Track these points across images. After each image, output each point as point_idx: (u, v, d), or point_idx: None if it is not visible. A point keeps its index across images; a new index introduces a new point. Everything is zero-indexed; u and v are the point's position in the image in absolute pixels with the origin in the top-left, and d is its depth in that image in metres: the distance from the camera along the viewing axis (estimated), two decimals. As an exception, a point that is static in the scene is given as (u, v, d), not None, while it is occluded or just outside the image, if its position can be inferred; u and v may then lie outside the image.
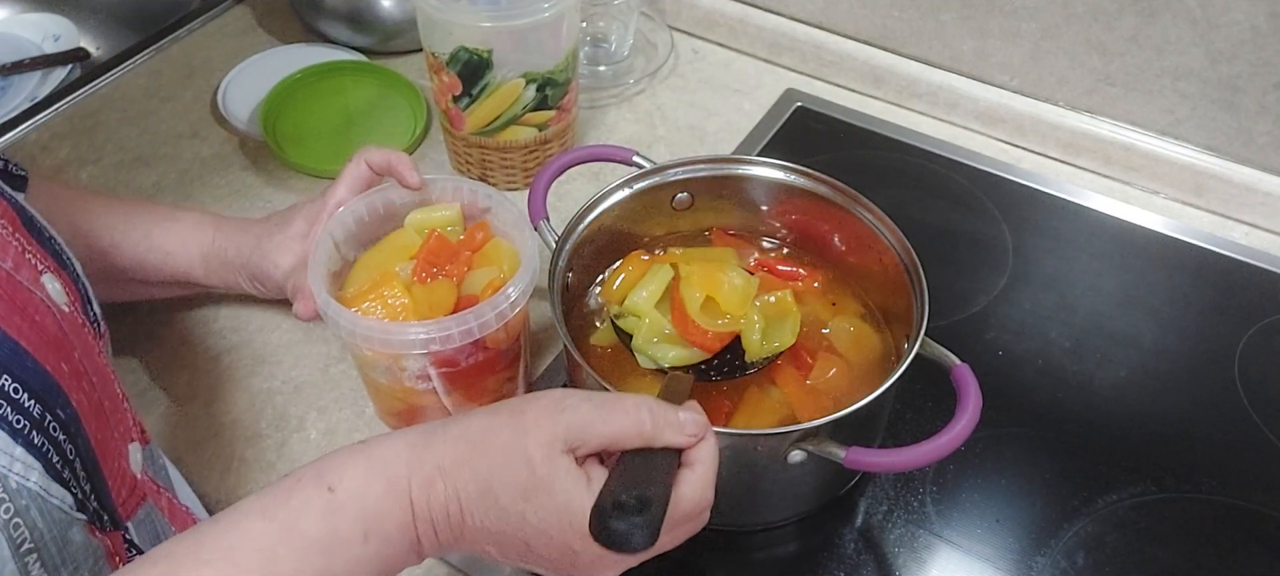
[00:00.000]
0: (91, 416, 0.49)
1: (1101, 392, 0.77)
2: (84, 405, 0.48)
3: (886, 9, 0.99)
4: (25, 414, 0.43)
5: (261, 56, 1.04)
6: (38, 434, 0.44)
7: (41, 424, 0.44)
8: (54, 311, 0.49)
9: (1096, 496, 0.70)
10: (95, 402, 0.50)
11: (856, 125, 1.00)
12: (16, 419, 0.43)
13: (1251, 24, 0.84)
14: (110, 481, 0.50)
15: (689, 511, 0.49)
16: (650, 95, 1.03)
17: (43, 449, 0.44)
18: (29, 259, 0.50)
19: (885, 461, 0.59)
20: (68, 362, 0.48)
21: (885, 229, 0.70)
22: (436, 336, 0.62)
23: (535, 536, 0.47)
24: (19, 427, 0.43)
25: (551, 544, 0.47)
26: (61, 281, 0.52)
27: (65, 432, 0.46)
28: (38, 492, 0.43)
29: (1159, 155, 0.93)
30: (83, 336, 0.52)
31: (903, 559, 0.67)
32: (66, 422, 0.46)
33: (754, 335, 0.68)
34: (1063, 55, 0.93)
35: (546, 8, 0.79)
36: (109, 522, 0.49)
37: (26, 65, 1.07)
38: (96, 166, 0.93)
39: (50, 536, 0.44)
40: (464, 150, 0.89)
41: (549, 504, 0.46)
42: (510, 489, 0.47)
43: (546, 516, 0.47)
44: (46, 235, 0.54)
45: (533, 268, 0.66)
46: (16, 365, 0.44)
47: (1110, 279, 0.86)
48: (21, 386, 0.44)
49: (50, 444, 0.44)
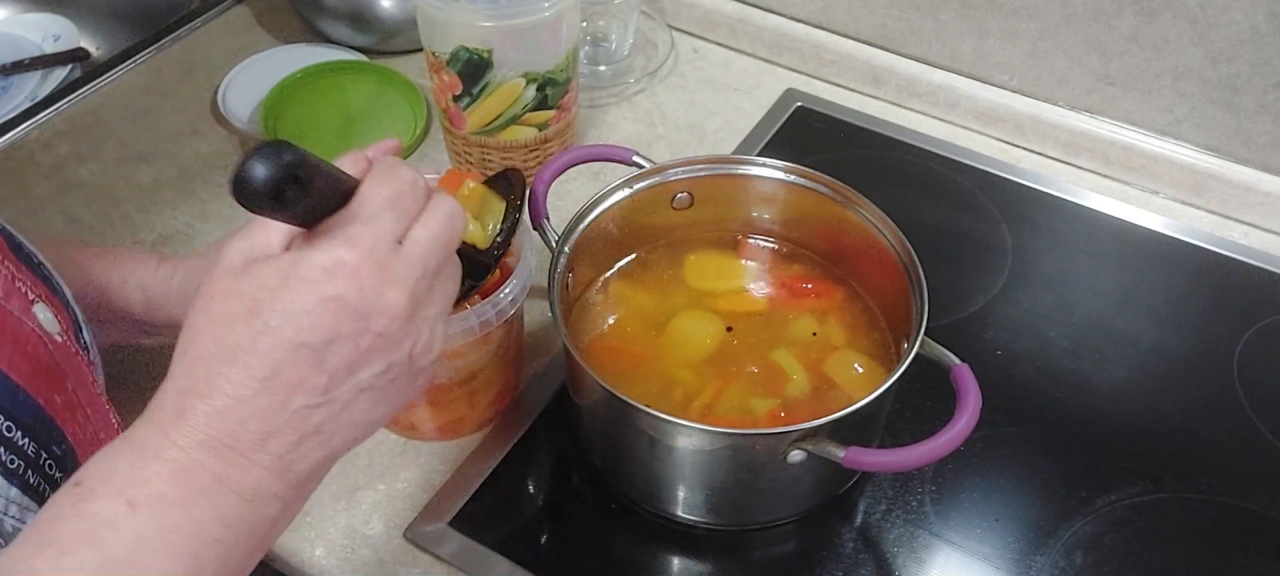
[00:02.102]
0: (87, 448, 0.47)
1: (1100, 392, 0.77)
2: (79, 437, 0.47)
3: (886, 9, 0.99)
4: (19, 453, 0.42)
5: (262, 56, 1.04)
6: (34, 474, 0.42)
7: (37, 463, 0.43)
8: (46, 342, 0.47)
9: (1095, 496, 0.70)
10: (91, 435, 0.49)
11: (856, 125, 1.00)
12: (11, 458, 0.41)
13: (1251, 24, 0.84)
14: None
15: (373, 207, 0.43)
16: (650, 95, 1.03)
17: (40, 489, 0.42)
18: (19, 287, 0.48)
19: (884, 461, 0.59)
20: (61, 394, 0.46)
21: (885, 229, 0.70)
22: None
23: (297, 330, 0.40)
24: (14, 468, 0.41)
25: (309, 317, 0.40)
26: (53, 309, 0.50)
27: (61, 470, 0.44)
28: None
29: (1158, 155, 0.93)
30: (76, 365, 0.50)
31: (902, 558, 0.67)
32: (62, 459, 0.44)
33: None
34: (1062, 55, 0.93)
35: (546, 7, 0.79)
36: None
37: (26, 65, 1.08)
38: (96, 163, 0.94)
39: None
40: (464, 150, 0.90)
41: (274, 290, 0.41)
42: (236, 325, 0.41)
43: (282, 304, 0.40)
44: (35, 261, 0.52)
45: (531, 266, 0.66)
46: (8, 400, 0.42)
47: (1109, 279, 0.86)
48: (14, 423, 0.42)
49: (47, 484, 0.43)
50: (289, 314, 0.41)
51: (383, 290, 0.42)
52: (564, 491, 0.71)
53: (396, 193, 0.44)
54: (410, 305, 0.43)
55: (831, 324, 0.73)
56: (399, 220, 0.43)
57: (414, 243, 0.44)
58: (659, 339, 0.72)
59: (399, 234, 0.43)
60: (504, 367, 0.71)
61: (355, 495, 0.69)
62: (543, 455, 0.72)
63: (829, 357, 0.70)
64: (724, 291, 0.75)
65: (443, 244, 0.45)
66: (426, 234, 0.44)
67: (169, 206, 0.90)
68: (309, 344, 0.41)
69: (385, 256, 0.42)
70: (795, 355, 0.70)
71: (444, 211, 0.45)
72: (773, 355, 0.70)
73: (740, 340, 0.72)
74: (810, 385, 0.69)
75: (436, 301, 0.45)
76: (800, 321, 0.73)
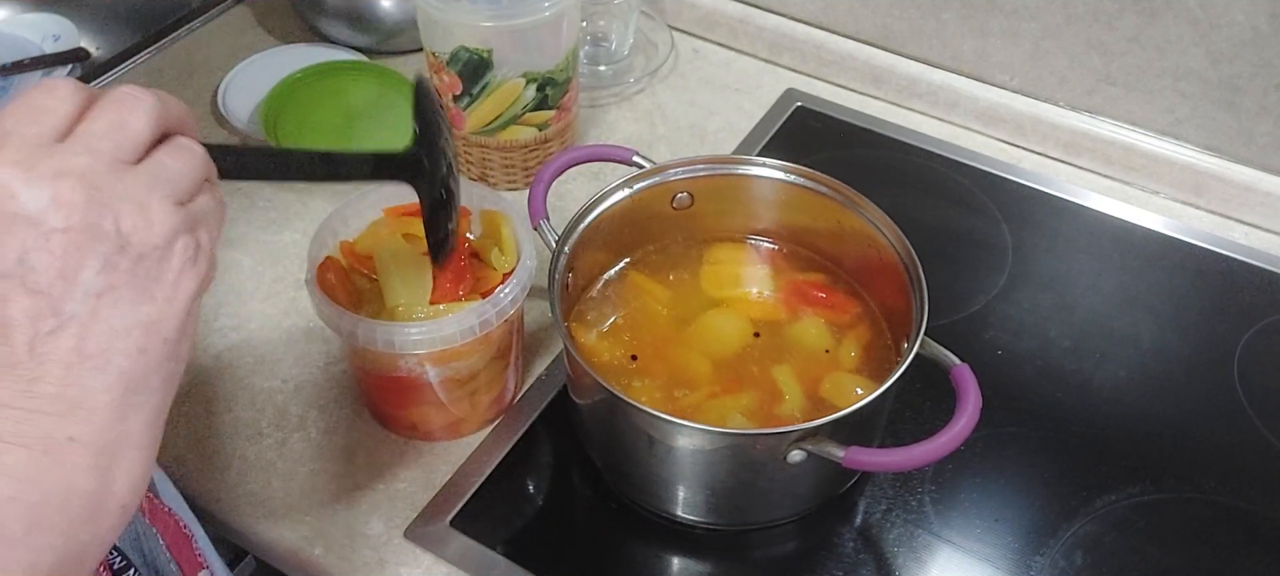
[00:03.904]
0: None
1: (1101, 392, 0.77)
2: None
3: (887, 9, 0.99)
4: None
5: (262, 56, 1.04)
6: None
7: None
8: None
9: (1095, 496, 0.70)
10: None
11: (856, 125, 1.00)
12: None
13: (1252, 24, 0.84)
14: None
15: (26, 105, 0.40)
16: (650, 95, 1.03)
17: None
18: None
19: (884, 461, 0.59)
20: None
21: (885, 229, 0.70)
22: (436, 336, 0.62)
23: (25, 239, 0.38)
24: None
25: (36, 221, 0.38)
26: None
27: None
28: None
29: (1159, 155, 0.93)
30: None
31: (902, 558, 0.67)
32: None
33: None
34: (1063, 55, 0.93)
35: (547, 7, 0.79)
36: None
37: (27, 65, 1.07)
38: (97, 165, 0.94)
39: None
40: (464, 150, 0.90)
41: None
42: None
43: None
44: None
45: (530, 267, 0.66)
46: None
47: (1110, 279, 0.86)
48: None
49: None
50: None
51: (40, 186, 0.38)
52: (564, 491, 0.71)
53: (30, 97, 0.41)
54: (84, 190, 0.39)
55: (848, 342, 0.72)
56: (39, 120, 0.40)
57: (73, 133, 0.40)
58: (674, 335, 0.72)
59: (48, 134, 0.40)
60: (504, 368, 0.71)
61: (355, 495, 0.69)
62: (543, 455, 0.72)
63: (827, 377, 0.69)
64: (731, 297, 0.75)
65: (114, 124, 0.41)
66: (94, 123, 0.41)
67: (169, 206, 0.90)
68: (4, 274, 0.38)
69: (31, 154, 0.39)
70: (794, 373, 0.69)
71: (115, 97, 0.42)
72: (773, 371, 0.70)
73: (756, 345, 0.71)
74: (804, 404, 0.68)
75: (143, 182, 0.41)
76: (814, 333, 0.72)
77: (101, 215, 0.39)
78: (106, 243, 0.39)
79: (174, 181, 0.42)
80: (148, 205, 0.40)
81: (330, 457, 0.71)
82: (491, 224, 0.69)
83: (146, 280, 0.40)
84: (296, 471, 0.71)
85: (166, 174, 0.41)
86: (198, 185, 0.43)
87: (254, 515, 0.68)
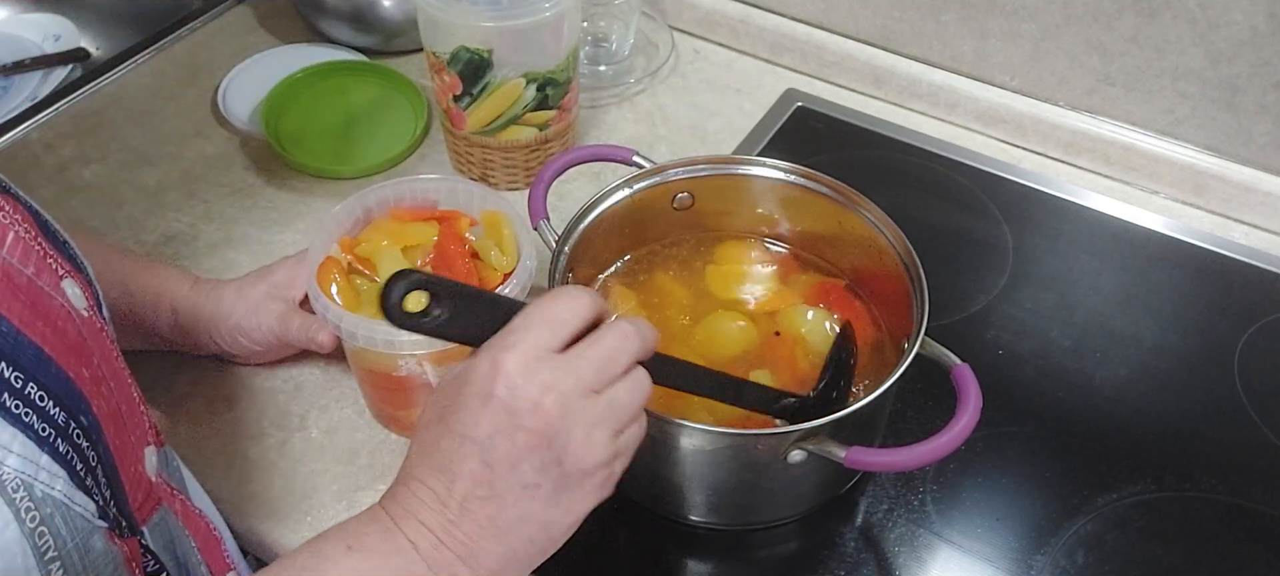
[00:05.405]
0: (110, 422, 0.49)
1: (1101, 392, 0.77)
2: (104, 410, 0.48)
3: (887, 9, 0.99)
4: (50, 421, 0.43)
5: (263, 56, 1.04)
6: (62, 442, 0.44)
7: (66, 431, 0.44)
8: (75, 317, 0.49)
9: (1096, 495, 0.70)
10: (114, 407, 0.50)
11: (857, 125, 1.00)
12: (42, 426, 0.43)
13: (1251, 24, 0.84)
14: (128, 486, 0.50)
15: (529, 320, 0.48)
16: (651, 95, 1.04)
17: (67, 457, 0.44)
18: (50, 264, 0.50)
19: (885, 461, 0.59)
20: (88, 368, 0.48)
21: (885, 229, 0.70)
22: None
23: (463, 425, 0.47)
24: (45, 435, 0.43)
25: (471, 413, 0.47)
26: (79, 284, 0.51)
27: (87, 440, 0.46)
28: (62, 501, 0.43)
29: (1159, 155, 0.93)
30: (101, 340, 0.51)
31: (903, 558, 0.67)
32: (89, 430, 0.46)
33: None
34: (1063, 55, 0.94)
35: (547, 7, 0.79)
36: (127, 528, 0.49)
37: (27, 65, 1.08)
38: (101, 165, 0.94)
39: (72, 544, 0.43)
40: (465, 150, 0.90)
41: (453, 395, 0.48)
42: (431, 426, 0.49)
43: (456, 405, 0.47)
44: (61, 239, 0.54)
45: (531, 267, 0.66)
46: (42, 372, 0.44)
47: (1110, 278, 0.86)
48: (46, 393, 0.44)
49: (74, 452, 0.44)
50: (459, 412, 0.47)
51: (531, 389, 0.46)
52: (565, 491, 0.71)
53: (556, 307, 0.48)
54: (559, 407, 0.46)
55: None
56: (555, 331, 0.48)
57: (573, 353, 0.48)
58: (677, 335, 0.72)
59: (556, 344, 0.47)
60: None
61: (356, 495, 0.69)
62: (544, 455, 0.72)
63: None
64: (733, 298, 0.75)
65: (605, 358, 0.48)
66: (592, 349, 0.48)
67: (172, 208, 0.90)
68: (473, 438, 0.47)
69: (535, 361, 0.46)
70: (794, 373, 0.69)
71: (616, 332, 0.49)
72: (753, 376, 0.69)
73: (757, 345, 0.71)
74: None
75: (599, 413, 0.48)
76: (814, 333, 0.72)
77: (559, 432, 0.47)
78: (551, 452, 0.47)
79: (620, 416, 0.49)
80: (593, 436, 0.48)
81: (331, 458, 0.71)
82: (492, 224, 0.69)
83: (563, 491, 0.48)
84: (297, 471, 0.71)
85: (618, 409, 0.49)
86: (638, 414, 0.50)
87: (255, 515, 0.68)
